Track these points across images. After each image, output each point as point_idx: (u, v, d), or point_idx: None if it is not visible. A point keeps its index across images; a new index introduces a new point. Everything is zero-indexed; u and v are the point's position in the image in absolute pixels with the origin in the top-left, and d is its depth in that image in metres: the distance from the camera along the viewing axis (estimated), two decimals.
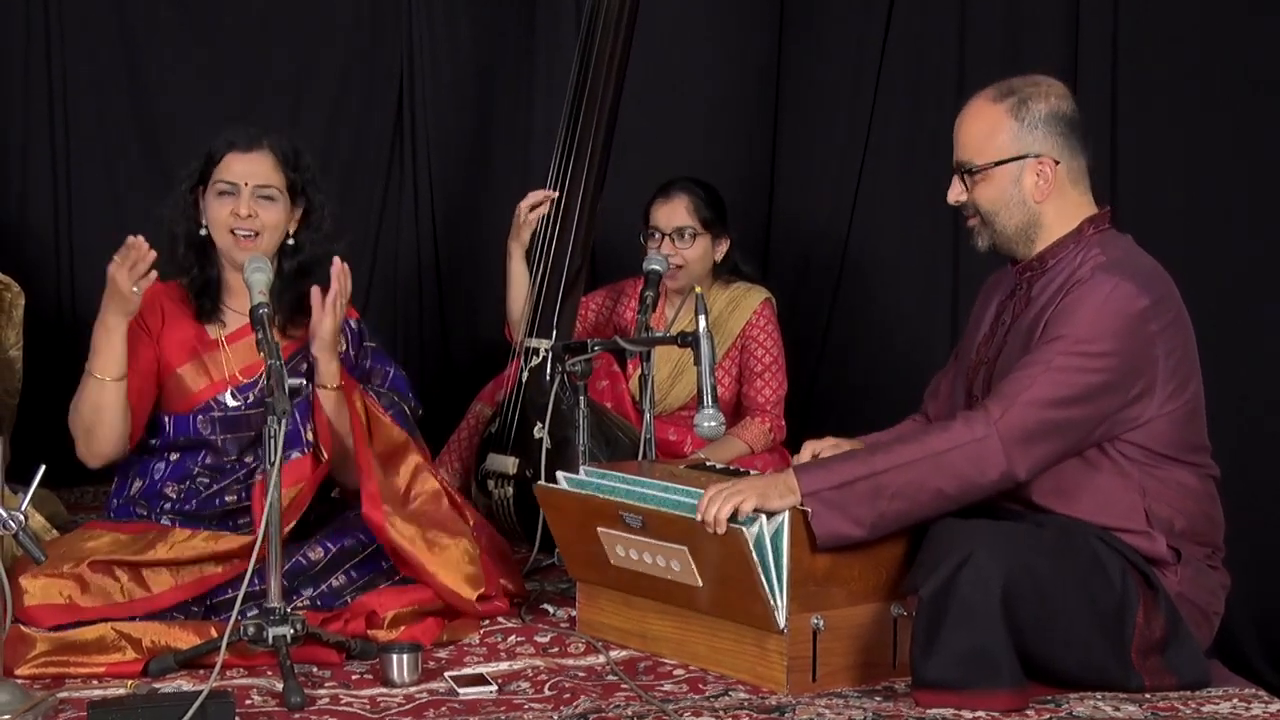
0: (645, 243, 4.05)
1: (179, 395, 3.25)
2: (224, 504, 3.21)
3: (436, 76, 4.76)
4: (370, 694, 2.82)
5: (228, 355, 3.28)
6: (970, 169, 2.88)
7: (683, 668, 2.97)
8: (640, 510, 2.94)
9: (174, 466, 3.26)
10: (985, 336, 2.98)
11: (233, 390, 3.26)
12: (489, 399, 4.13)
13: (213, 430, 3.24)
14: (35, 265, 4.26)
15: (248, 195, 3.22)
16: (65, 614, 2.92)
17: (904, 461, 2.74)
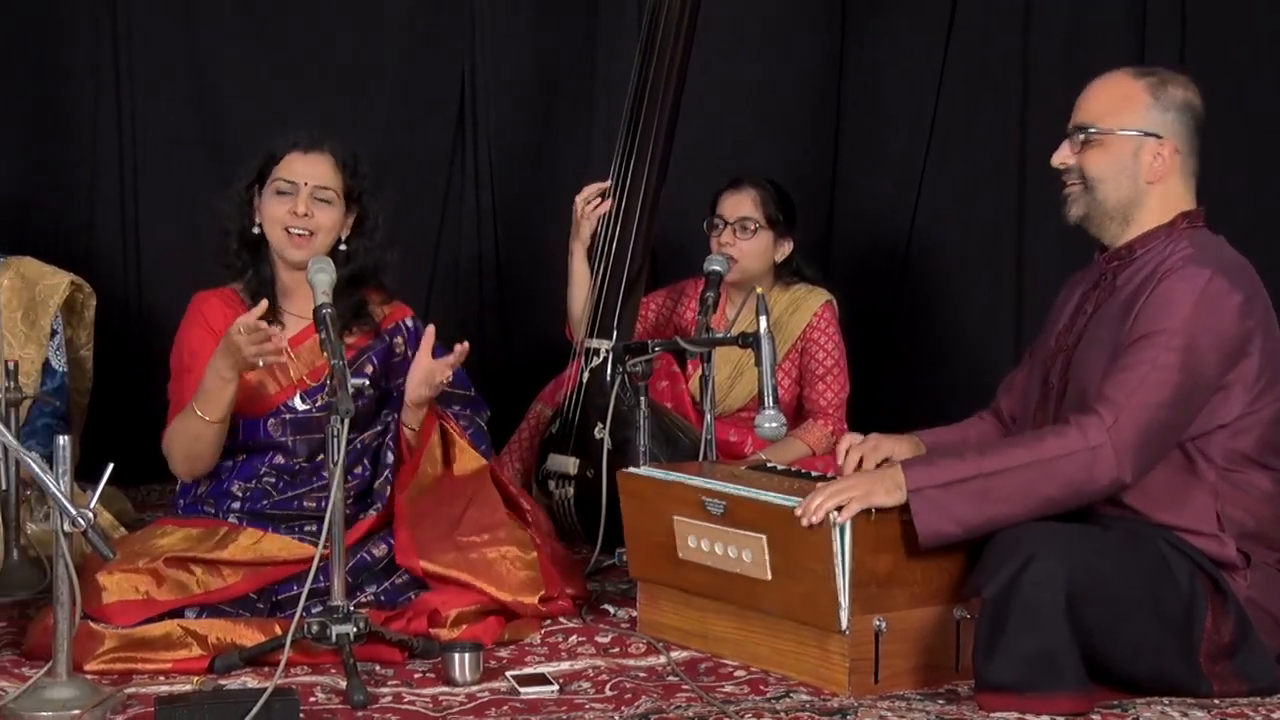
0: (709, 232, 4.05)
1: (250, 400, 3.28)
2: (301, 508, 3.23)
3: (498, 76, 4.78)
4: (432, 693, 2.83)
5: (292, 359, 3.30)
6: (1090, 130, 2.83)
7: (744, 669, 2.97)
8: (725, 495, 2.93)
9: (241, 467, 3.29)
10: (1065, 326, 2.95)
11: (301, 394, 3.29)
12: (549, 399, 4.14)
13: (283, 433, 3.28)
14: (104, 267, 4.31)
15: (306, 195, 3.25)
16: (143, 609, 2.96)
17: (1014, 465, 2.71)
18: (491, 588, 3.12)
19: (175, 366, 3.30)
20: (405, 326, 3.43)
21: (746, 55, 4.80)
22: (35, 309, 3.69)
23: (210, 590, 3.02)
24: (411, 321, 3.45)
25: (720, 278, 3.85)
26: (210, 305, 3.30)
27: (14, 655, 2.99)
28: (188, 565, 3.04)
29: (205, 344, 3.23)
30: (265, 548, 3.11)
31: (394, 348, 3.40)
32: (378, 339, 3.37)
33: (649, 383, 3.53)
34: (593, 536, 3.60)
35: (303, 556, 3.09)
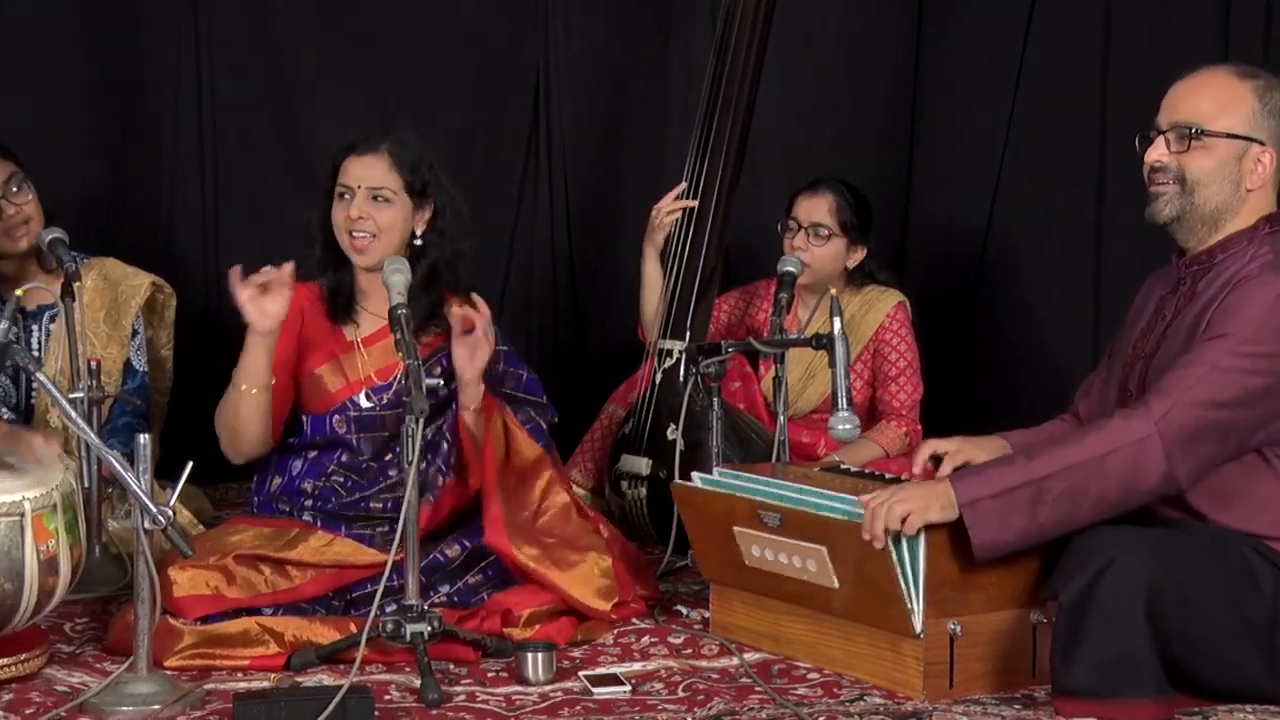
0: (782, 233, 4.04)
1: (317, 395, 3.31)
2: (368, 509, 3.26)
3: (573, 77, 4.79)
4: (505, 692, 2.84)
5: (364, 357, 3.33)
6: (1197, 131, 2.75)
7: (817, 671, 2.95)
8: (779, 509, 2.92)
9: (310, 465, 3.32)
10: (1143, 331, 2.90)
11: (367, 391, 3.31)
12: (622, 400, 4.14)
13: (348, 430, 3.30)
14: (184, 268, 4.37)
15: (361, 198, 3.25)
16: (211, 604, 3.00)
17: (1063, 466, 2.66)
18: (569, 589, 3.12)
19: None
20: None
21: (821, 55, 4.78)
22: (117, 309, 3.74)
23: (278, 590, 3.05)
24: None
25: (794, 279, 3.84)
26: (295, 295, 3.28)
27: (96, 650, 3.04)
28: (257, 564, 3.07)
29: (285, 343, 3.26)
30: (336, 550, 3.14)
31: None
32: (447, 342, 3.39)
33: (722, 384, 3.52)
34: (665, 537, 3.60)
35: (372, 562, 3.11)
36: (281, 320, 3.12)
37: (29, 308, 3.66)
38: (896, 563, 2.73)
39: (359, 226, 3.25)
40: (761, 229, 4.25)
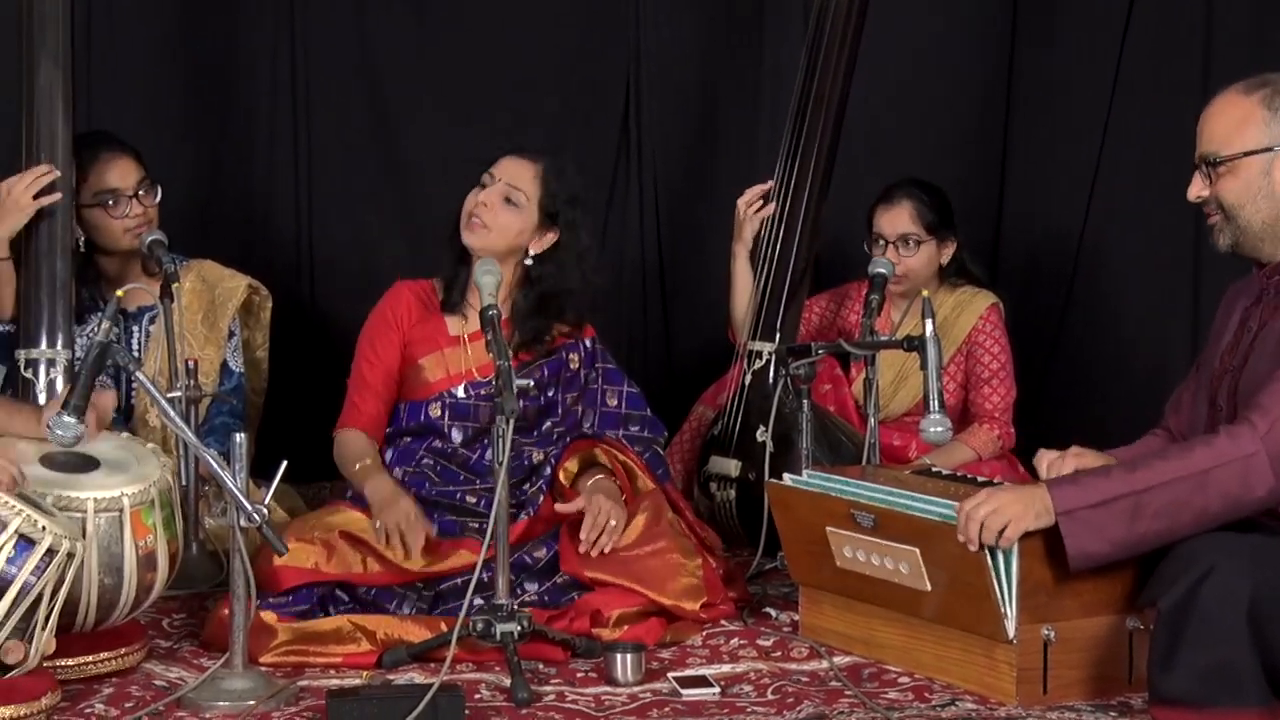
0: (869, 249, 4.01)
1: (416, 384, 3.39)
2: (462, 501, 3.30)
3: (663, 78, 4.79)
4: (594, 692, 2.85)
5: (468, 352, 3.39)
6: (1215, 160, 2.76)
7: (908, 675, 2.93)
8: (873, 509, 2.90)
9: (401, 452, 3.37)
10: (1229, 345, 2.85)
11: (467, 384, 3.38)
12: (711, 401, 4.14)
13: (442, 415, 3.36)
14: (280, 271, 4.41)
15: (496, 190, 3.34)
16: (308, 576, 3.07)
17: (1165, 479, 2.63)
18: (653, 592, 3.13)
19: (361, 350, 3.45)
20: (583, 345, 3.50)
21: (914, 54, 4.74)
22: (214, 311, 3.80)
23: (371, 573, 3.10)
24: (590, 342, 3.51)
25: (885, 281, 3.80)
26: (401, 296, 3.46)
27: (193, 646, 3.09)
28: (358, 545, 3.12)
29: (383, 335, 3.41)
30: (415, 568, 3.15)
31: (568, 363, 3.46)
32: (558, 351, 3.45)
33: (812, 386, 3.51)
34: (754, 539, 3.58)
35: (463, 564, 3.13)
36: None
37: (129, 309, 3.72)
38: (991, 567, 2.69)
39: (478, 214, 3.34)
40: (853, 230, 4.23)
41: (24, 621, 2.60)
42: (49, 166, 3.45)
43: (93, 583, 2.80)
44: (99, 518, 2.81)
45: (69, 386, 3.34)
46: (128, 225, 3.61)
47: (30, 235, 3.47)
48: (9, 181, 3.43)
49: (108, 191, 3.61)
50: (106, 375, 3.63)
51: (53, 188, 3.45)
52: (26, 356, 3.43)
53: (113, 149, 3.65)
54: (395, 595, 3.11)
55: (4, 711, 2.55)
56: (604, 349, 3.55)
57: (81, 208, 3.61)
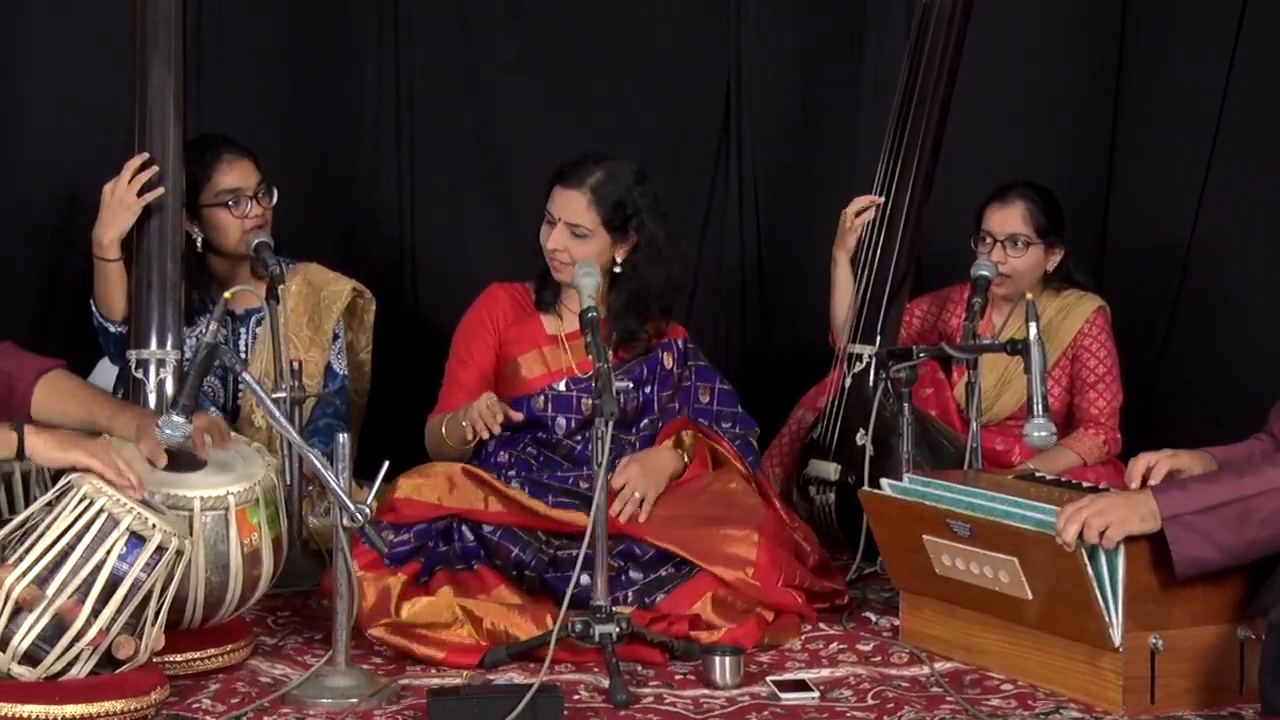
0: (976, 247, 3.97)
1: (515, 382, 3.45)
2: (576, 485, 3.34)
3: (763, 81, 4.77)
4: (693, 695, 2.85)
5: (566, 350, 3.45)
6: None
7: (1010, 683, 2.89)
8: (968, 518, 2.87)
9: (505, 441, 3.42)
10: None
11: (568, 380, 3.44)
12: (811, 405, 4.12)
13: (545, 408, 3.42)
14: (382, 274, 4.46)
15: (560, 230, 3.41)
16: (429, 510, 3.15)
17: (1275, 485, 2.59)
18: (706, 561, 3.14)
19: (454, 351, 3.52)
20: (676, 345, 3.54)
21: (1019, 57, 4.69)
22: (319, 314, 3.84)
23: (493, 510, 3.18)
24: (683, 342, 3.56)
25: (988, 283, 3.77)
26: (496, 298, 3.53)
27: (297, 643, 3.13)
28: (481, 483, 3.20)
29: (478, 336, 3.48)
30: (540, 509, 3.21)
31: (662, 361, 3.50)
32: (652, 352, 3.51)
33: (913, 389, 3.48)
34: (854, 543, 3.56)
35: (573, 521, 3.16)
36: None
37: (236, 311, 3.78)
38: (1092, 575, 2.65)
39: (555, 256, 3.41)
40: (954, 232, 4.18)
41: (134, 617, 2.65)
42: (145, 156, 3.50)
43: (200, 580, 2.85)
44: (205, 516, 2.86)
45: (178, 387, 3.41)
46: (247, 225, 3.68)
47: (141, 237, 3.53)
48: (112, 182, 3.49)
49: (230, 191, 3.68)
50: (214, 376, 3.70)
51: (155, 183, 3.50)
52: (137, 357, 3.50)
53: (235, 151, 3.72)
54: (519, 540, 3.17)
55: (115, 705, 2.60)
56: (695, 348, 3.60)
57: (202, 207, 3.68)
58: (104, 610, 2.60)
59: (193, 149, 3.69)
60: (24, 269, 4.23)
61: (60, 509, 2.66)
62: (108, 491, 2.66)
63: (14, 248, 4.23)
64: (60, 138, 4.23)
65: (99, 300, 3.59)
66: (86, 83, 4.20)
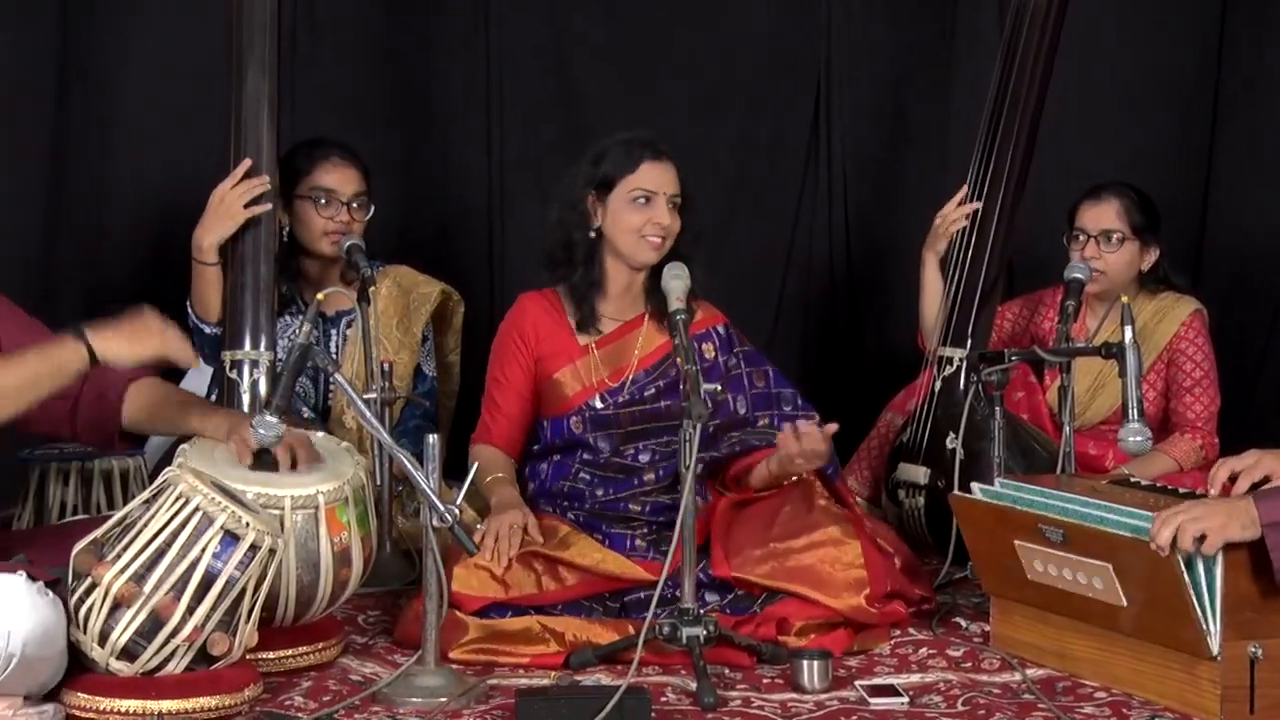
0: (1069, 245, 3.92)
1: (555, 400, 3.40)
2: (626, 510, 3.30)
3: (854, 81, 4.75)
4: (781, 698, 2.83)
5: (596, 361, 3.39)
6: None
7: (1104, 690, 2.85)
8: (1061, 524, 2.83)
9: (556, 467, 3.40)
10: None
11: (600, 394, 3.38)
12: (900, 408, 4.09)
13: (585, 430, 3.37)
14: (470, 275, 4.49)
15: (665, 204, 3.33)
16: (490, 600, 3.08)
17: None
18: (813, 592, 3.08)
19: (490, 371, 3.48)
20: (716, 332, 3.47)
21: (1114, 55, 4.63)
22: (409, 316, 3.87)
23: (548, 592, 3.11)
24: (724, 328, 3.49)
25: (1081, 286, 3.72)
26: (525, 312, 3.46)
27: (386, 642, 3.15)
28: (533, 564, 3.13)
29: (510, 355, 3.42)
30: (606, 566, 3.16)
31: (703, 353, 3.43)
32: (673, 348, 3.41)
33: (1004, 393, 3.44)
34: (943, 547, 3.53)
35: (640, 578, 3.13)
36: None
37: (328, 313, 3.81)
38: (1190, 583, 2.60)
39: (664, 233, 3.33)
40: (1047, 234, 4.14)
41: (228, 615, 2.68)
42: (265, 180, 3.55)
43: (291, 578, 2.88)
44: (295, 514, 2.88)
45: (271, 387, 3.45)
46: (328, 228, 3.71)
47: (236, 240, 3.58)
48: (221, 186, 3.54)
49: (322, 190, 3.72)
50: (306, 376, 3.74)
51: (262, 198, 3.56)
52: (231, 358, 3.55)
53: (345, 156, 3.77)
54: (582, 608, 3.12)
55: (209, 701, 2.64)
56: (738, 332, 3.50)
57: (294, 197, 3.72)
58: (199, 607, 2.64)
59: (305, 144, 3.77)
60: (122, 271, 4.32)
61: (157, 507, 2.70)
62: (203, 490, 2.69)
63: (112, 250, 4.32)
64: (158, 143, 4.31)
65: (195, 302, 3.64)
66: (184, 89, 4.28)
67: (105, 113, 4.28)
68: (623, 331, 3.41)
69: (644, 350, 3.40)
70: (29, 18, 4.16)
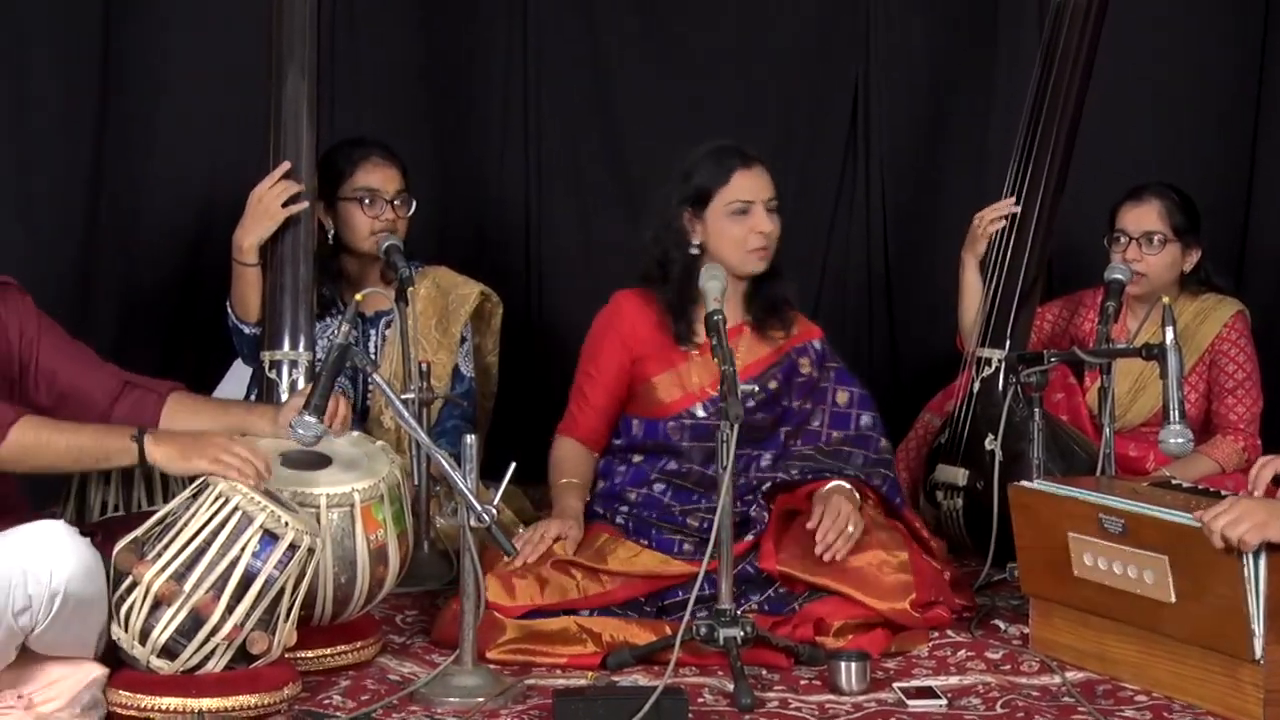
0: (1110, 247, 3.89)
1: (651, 403, 3.39)
2: (684, 524, 3.28)
3: (892, 81, 4.73)
4: (818, 700, 2.82)
5: (698, 367, 3.37)
6: None
7: (1145, 694, 2.83)
8: (1124, 514, 2.80)
9: (635, 471, 3.38)
10: None
11: (703, 403, 3.36)
12: (938, 409, 4.07)
13: (681, 437, 3.36)
14: (508, 277, 4.50)
15: (765, 212, 3.32)
16: (527, 607, 3.08)
17: None
18: (858, 593, 3.08)
19: (582, 364, 3.46)
20: (813, 347, 3.48)
21: (1154, 54, 4.59)
22: (448, 317, 3.88)
23: (589, 596, 3.10)
24: (820, 344, 3.49)
25: (1122, 287, 3.70)
26: (622, 309, 3.44)
27: (424, 642, 3.16)
28: (570, 570, 3.13)
29: (606, 351, 3.40)
30: (643, 562, 3.17)
31: (799, 367, 3.43)
32: (785, 356, 3.42)
33: (1043, 394, 3.42)
34: (982, 549, 3.51)
35: (678, 573, 3.13)
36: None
37: (367, 313, 3.83)
38: (1248, 579, 2.57)
39: (770, 239, 3.31)
40: (1086, 235, 4.11)
41: (267, 614, 2.70)
42: (288, 165, 3.57)
43: (328, 576, 2.89)
44: (331, 513, 2.90)
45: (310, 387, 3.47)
46: (375, 227, 3.73)
47: (275, 241, 3.60)
48: (259, 187, 3.56)
49: (366, 190, 3.74)
50: (344, 376, 3.75)
51: (299, 196, 3.58)
52: (270, 358, 3.57)
53: (383, 154, 3.79)
54: (617, 614, 3.12)
55: (249, 699, 2.65)
56: (831, 349, 3.52)
57: (339, 200, 3.75)
58: (238, 606, 2.66)
59: (344, 145, 3.79)
60: (164, 272, 4.35)
61: (197, 506, 2.72)
62: (242, 490, 2.71)
63: (155, 251, 4.35)
64: (199, 146, 4.34)
65: (235, 302, 3.66)
66: (224, 91, 4.30)
67: (146, 115, 4.31)
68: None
69: (745, 360, 3.38)
70: (73, 23, 4.19)
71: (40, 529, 2.57)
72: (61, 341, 2.96)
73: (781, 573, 3.14)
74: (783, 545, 3.19)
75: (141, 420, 2.94)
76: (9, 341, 2.86)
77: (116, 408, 2.95)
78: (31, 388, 2.88)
